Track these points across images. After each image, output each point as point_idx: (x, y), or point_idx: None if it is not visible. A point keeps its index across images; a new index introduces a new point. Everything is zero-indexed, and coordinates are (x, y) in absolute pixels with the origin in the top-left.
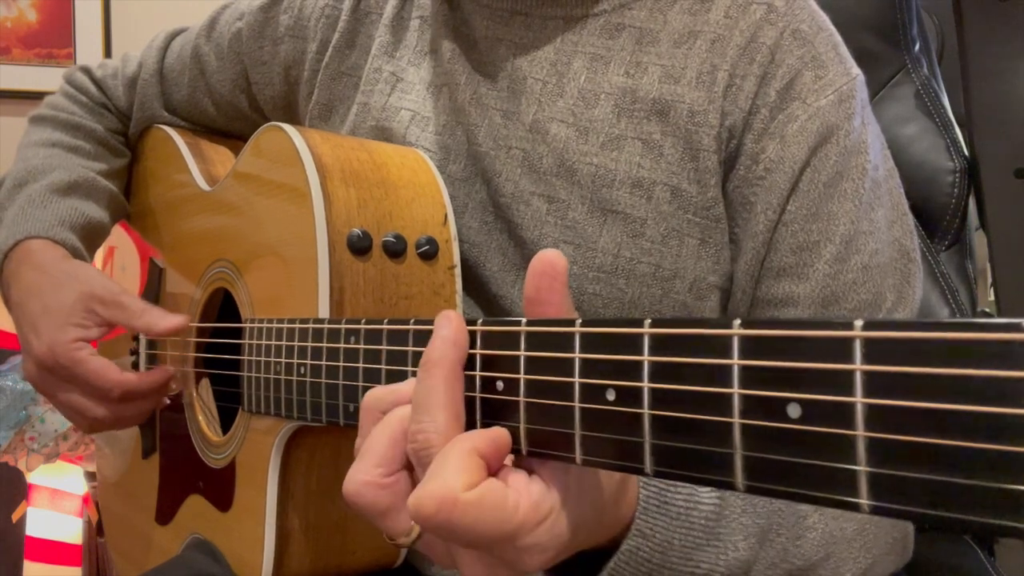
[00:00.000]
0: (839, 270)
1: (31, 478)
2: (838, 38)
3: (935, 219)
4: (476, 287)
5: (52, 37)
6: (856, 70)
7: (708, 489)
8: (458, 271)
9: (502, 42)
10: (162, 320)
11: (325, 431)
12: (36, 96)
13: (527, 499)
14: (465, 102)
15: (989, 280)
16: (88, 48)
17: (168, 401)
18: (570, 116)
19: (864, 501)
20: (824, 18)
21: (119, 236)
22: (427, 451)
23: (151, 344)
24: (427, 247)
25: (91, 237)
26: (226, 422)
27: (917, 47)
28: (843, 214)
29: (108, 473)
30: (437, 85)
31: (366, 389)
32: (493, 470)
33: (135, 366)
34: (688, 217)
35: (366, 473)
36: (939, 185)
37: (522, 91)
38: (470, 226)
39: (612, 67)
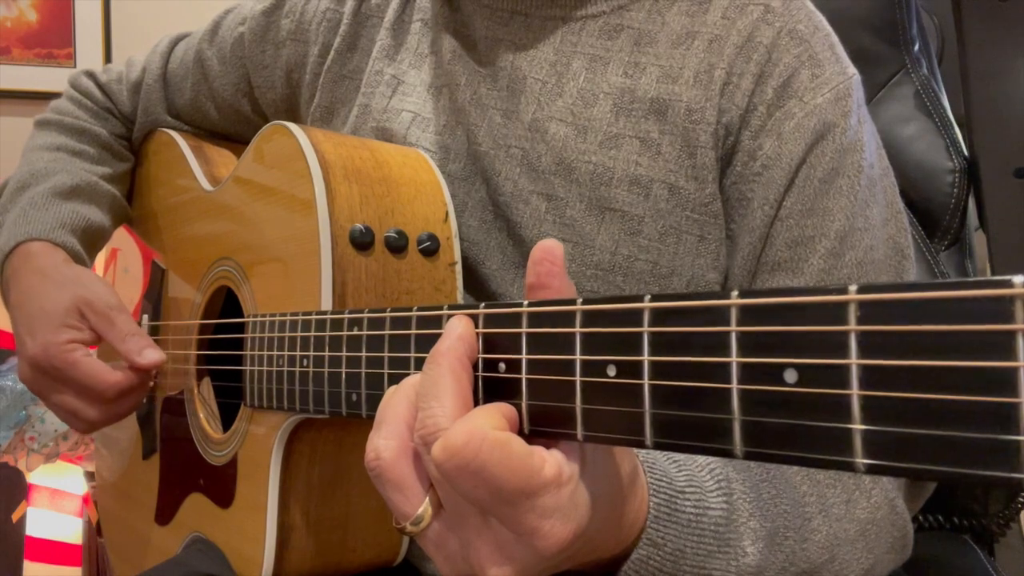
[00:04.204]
0: (833, 265)
1: (31, 478)
2: (835, 38)
3: (935, 219)
4: (476, 285)
5: (52, 37)
6: (852, 70)
7: (716, 494)
8: (459, 268)
9: (502, 42)
10: (143, 353)
11: (327, 426)
12: (36, 96)
13: (552, 460)
14: (465, 102)
15: None
16: (88, 48)
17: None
18: (569, 115)
19: (860, 460)
20: (821, 18)
21: (122, 238)
22: (436, 435)
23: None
24: (428, 243)
25: (91, 240)
26: (228, 422)
27: (917, 47)
28: (838, 210)
29: (107, 475)
30: (437, 86)
31: (368, 375)
32: None
33: None
34: (686, 214)
35: (387, 437)
36: (939, 185)
37: (522, 91)
38: (470, 225)
39: (611, 67)
